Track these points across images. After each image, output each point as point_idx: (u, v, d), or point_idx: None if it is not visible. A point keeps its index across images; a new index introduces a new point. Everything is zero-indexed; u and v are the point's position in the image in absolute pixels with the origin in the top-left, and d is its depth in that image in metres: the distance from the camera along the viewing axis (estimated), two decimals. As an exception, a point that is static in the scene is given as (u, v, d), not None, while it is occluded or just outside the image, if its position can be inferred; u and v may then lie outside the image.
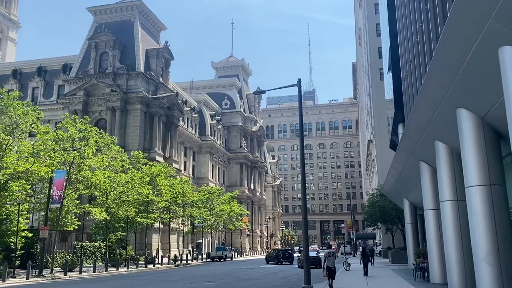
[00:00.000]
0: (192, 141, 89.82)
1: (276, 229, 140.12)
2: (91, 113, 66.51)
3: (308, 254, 20.26)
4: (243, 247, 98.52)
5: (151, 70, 71.93)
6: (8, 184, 33.10)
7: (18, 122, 33.14)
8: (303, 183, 20.55)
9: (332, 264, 21.57)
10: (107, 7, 75.23)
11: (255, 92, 27.79)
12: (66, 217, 40.44)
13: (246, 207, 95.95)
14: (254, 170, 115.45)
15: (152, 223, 54.54)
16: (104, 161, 41.95)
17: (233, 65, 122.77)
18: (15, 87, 70.80)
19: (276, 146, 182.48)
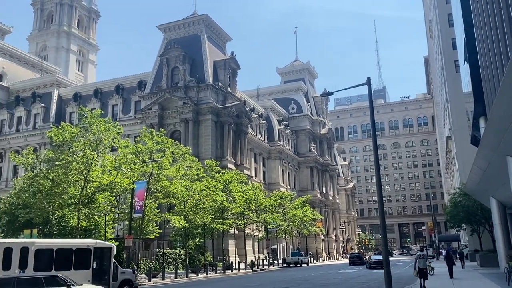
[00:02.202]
0: (261, 147, 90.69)
1: (352, 233, 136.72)
2: (166, 125, 69.65)
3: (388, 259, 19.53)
4: (319, 252, 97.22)
5: (219, 80, 73.87)
6: (95, 196, 35.61)
7: (101, 138, 35.57)
8: (379, 185, 19.87)
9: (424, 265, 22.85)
10: (175, 24, 78.66)
11: (322, 94, 27.39)
12: (148, 226, 42.61)
13: (319, 211, 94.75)
14: (325, 173, 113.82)
15: (227, 229, 55.74)
16: (180, 170, 43.67)
17: (298, 69, 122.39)
18: (96, 106, 76.18)
19: (347, 148, 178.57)
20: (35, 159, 36.80)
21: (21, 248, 22.26)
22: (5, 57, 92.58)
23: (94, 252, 24.34)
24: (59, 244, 24.66)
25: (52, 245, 23.99)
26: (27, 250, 22.26)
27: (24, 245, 22.73)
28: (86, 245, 24.72)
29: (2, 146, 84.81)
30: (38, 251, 22.55)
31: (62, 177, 33.93)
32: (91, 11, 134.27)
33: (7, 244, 22.54)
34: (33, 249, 22.43)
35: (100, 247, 25.20)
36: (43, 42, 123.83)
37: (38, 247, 22.81)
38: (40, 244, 23.49)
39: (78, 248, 24.23)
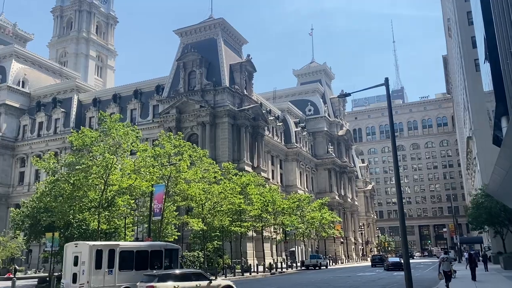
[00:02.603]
0: (278, 150, 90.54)
1: (371, 235, 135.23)
2: (184, 129, 70.17)
3: (409, 262, 19.26)
4: (338, 254, 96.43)
5: (235, 83, 74.13)
6: (114, 200, 36.06)
7: (120, 142, 36.02)
8: (398, 186, 19.63)
9: (448, 268, 22.75)
10: (191, 28, 79.27)
11: (340, 95, 27.18)
12: (166, 228, 42.98)
13: (337, 214, 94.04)
14: (343, 175, 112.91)
15: (245, 231, 55.74)
16: (198, 173, 43.92)
17: (314, 70, 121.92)
18: (115, 110, 77.25)
19: (365, 149, 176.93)
20: (56, 163, 37.47)
21: (109, 250, 24.70)
22: (26, 63, 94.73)
23: (164, 253, 26.92)
24: (138, 246, 27.38)
25: (132, 247, 26.75)
26: (113, 252, 24.71)
27: (111, 247, 25.13)
28: (159, 247, 27.48)
29: (24, 151, 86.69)
30: (122, 252, 25.08)
31: (83, 181, 34.47)
32: (109, 17, 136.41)
33: (98, 246, 24.89)
34: (118, 250, 24.96)
35: (169, 248, 27.85)
36: (63, 48, 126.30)
37: (122, 249, 25.40)
38: (124, 246, 26.16)
39: (153, 250, 26.84)
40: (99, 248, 24.64)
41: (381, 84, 21.01)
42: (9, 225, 61.87)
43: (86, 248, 24.32)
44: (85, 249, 24.37)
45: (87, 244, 24.95)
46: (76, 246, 25.59)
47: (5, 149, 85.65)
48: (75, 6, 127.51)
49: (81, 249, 24.70)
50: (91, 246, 24.57)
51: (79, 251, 24.71)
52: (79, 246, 25.51)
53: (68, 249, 25.75)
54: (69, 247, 25.98)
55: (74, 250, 25.10)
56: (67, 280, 24.30)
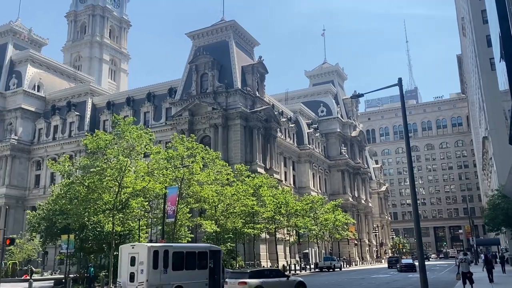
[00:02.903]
0: (290, 151, 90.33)
1: (385, 237, 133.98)
2: (196, 131, 70.46)
3: (424, 264, 19.03)
4: (352, 256, 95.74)
5: (247, 85, 74.22)
6: (128, 202, 36.35)
7: (134, 145, 36.32)
8: (413, 187, 19.43)
9: (466, 269, 22.39)
10: (203, 31, 79.65)
11: (352, 96, 26.97)
12: (180, 230, 43.16)
13: (351, 215, 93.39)
14: (357, 176, 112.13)
15: (258, 233, 55.74)
16: (211, 175, 44.04)
17: (327, 71, 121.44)
18: (129, 113, 77.91)
19: (379, 150, 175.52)
20: (71, 166, 37.95)
21: (164, 250, 26.10)
22: (41, 68, 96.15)
23: (209, 254, 28.38)
24: (187, 248, 29.25)
25: (183, 249, 28.45)
26: (167, 253, 26.16)
27: (166, 248, 26.60)
28: (204, 249, 29.04)
29: (40, 154, 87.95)
30: (174, 253, 26.57)
31: (97, 183, 34.82)
32: (122, 21, 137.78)
33: (155, 247, 26.31)
34: (171, 251, 26.49)
35: (213, 250, 29.30)
36: (77, 52, 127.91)
37: (174, 250, 26.96)
38: (176, 247, 27.99)
39: (199, 251, 28.40)
40: (156, 249, 25.97)
41: (394, 85, 20.84)
42: (25, 227, 62.87)
43: (145, 249, 25.62)
44: (143, 250, 25.70)
45: (146, 246, 26.40)
46: (132, 248, 27.03)
47: (21, 153, 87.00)
48: (89, 11, 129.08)
49: (138, 250, 26.12)
50: (149, 247, 25.92)
51: (136, 252, 26.07)
52: (136, 247, 27.01)
53: (124, 250, 27.08)
54: (124, 249, 27.31)
55: (130, 251, 26.49)
56: (124, 279, 25.87)
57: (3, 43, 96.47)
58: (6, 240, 38.74)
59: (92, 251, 42.93)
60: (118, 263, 27.43)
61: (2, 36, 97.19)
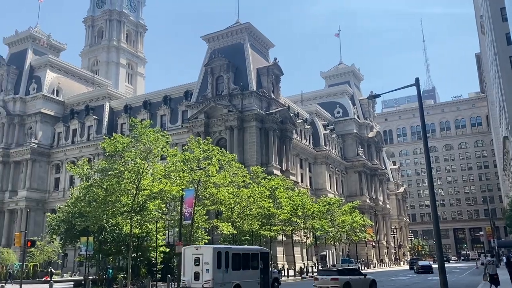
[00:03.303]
0: (307, 153, 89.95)
1: (403, 239, 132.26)
2: (212, 133, 70.78)
3: (444, 266, 18.71)
4: (370, 258, 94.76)
5: (262, 87, 74.25)
6: (146, 204, 36.63)
7: (151, 147, 36.64)
8: (431, 188, 19.13)
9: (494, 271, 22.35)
10: (218, 34, 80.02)
11: (369, 96, 26.81)
12: (197, 232, 43.30)
13: (369, 217, 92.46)
14: (374, 178, 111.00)
15: (275, 235, 55.59)
16: (227, 177, 44.13)
17: (342, 72, 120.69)
18: (146, 116, 78.68)
19: (396, 151, 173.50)
20: (89, 169, 38.43)
21: (225, 252, 28.60)
22: (60, 73, 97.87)
23: (260, 256, 31.04)
24: (243, 250, 32.13)
25: (239, 250, 31.05)
26: (228, 254, 28.64)
27: (226, 250, 29.22)
28: (256, 251, 31.90)
29: (59, 157, 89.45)
30: (233, 255, 29.07)
31: (115, 186, 35.18)
32: (138, 26, 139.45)
33: (219, 249, 28.90)
34: (230, 253, 28.98)
35: (263, 252, 31.97)
36: (95, 57, 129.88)
37: (233, 252, 29.53)
38: (234, 249, 30.51)
39: (252, 253, 31.22)
40: (219, 250, 28.52)
41: (411, 85, 20.59)
42: (45, 229, 63.89)
43: (209, 251, 28.13)
44: (207, 252, 28.21)
45: (211, 247, 29.00)
46: (196, 249, 29.37)
47: (41, 156, 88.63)
48: (106, 16, 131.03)
49: (202, 252, 28.59)
50: (214, 248, 28.50)
51: (200, 253, 28.49)
52: (200, 249, 29.40)
53: (187, 252, 29.42)
54: (188, 250, 29.57)
55: (194, 252, 28.88)
56: (188, 278, 28.34)
57: (23, 49, 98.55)
58: (27, 242, 39.45)
59: (110, 253, 43.37)
60: (182, 263, 29.93)
61: (22, 42, 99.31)
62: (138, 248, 40.15)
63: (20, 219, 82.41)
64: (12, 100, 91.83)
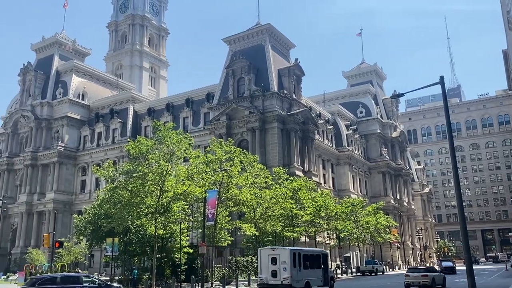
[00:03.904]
0: (329, 153, 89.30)
1: (429, 240, 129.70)
2: (234, 135, 71.03)
3: (472, 268, 18.31)
4: (395, 260, 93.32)
5: (284, 88, 74.14)
6: (170, 206, 37.08)
7: (174, 149, 37.10)
8: (458, 189, 18.73)
9: None
10: (239, 36, 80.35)
11: (393, 96, 26.37)
12: (220, 233, 43.56)
13: (393, 218, 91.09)
14: (399, 178, 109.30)
15: (298, 236, 55.38)
16: (249, 179, 44.24)
17: (365, 71, 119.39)
18: (169, 119, 79.60)
19: (421, 151, 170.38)
20: (114, 171, 39.13)
21: (298, 253, 33.19)
22: (85, 77, 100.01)
23: (321, 257, 36.06)
24: (310, 251, 36.84)
25: (307, 252, 35.94)
26: (300, 255, 33.06)
27: (299, 251, 33.93)
28: (318, 252, 37.01)
29: (85, 160, 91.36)
30: (304, 256, 33.82)
31: (140, 187, 35.72)
32: (160, 29, 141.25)
33: (294, 250, 33.33)
34: (302, 254, 33.63)
35: (323, 253, 37.23)
36: (118, 61, 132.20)
37: (304, 253, 34.39)
38: (304, 251, 35.62)
39: (316, 254, 36.18)
40: (294, 251, 33.08)
41: (436, 83, 20.21)
42: (72, 231, 65.29)
43: (287, 252, 32.62)
44: (284, 253, 32.64)
45: (288, 249, 33.57)
46: (273, 250, 33.65)
47: (67, 159, 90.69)
48: (129, 20, 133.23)
49: (279, 253, 32.83)
50: (290, 250, 32.97)
51: (277, 254, 32.65)
52: (276, 250, 33.67)
53: (263, 252, 33.88)
54: (264, 251, 34.17)
55: (270, 253, 33.06)
56: (266, 275, 32.51)
57: (49, 54, 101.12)
58: (55, 243, 40.51)
59: (135, 254, 44.02)
60: (258, 262, 34.73)
61: (49, 48, 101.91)
62: (163, 249, 40.64)
63: (48, 221, 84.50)
64: (39, 105, 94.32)
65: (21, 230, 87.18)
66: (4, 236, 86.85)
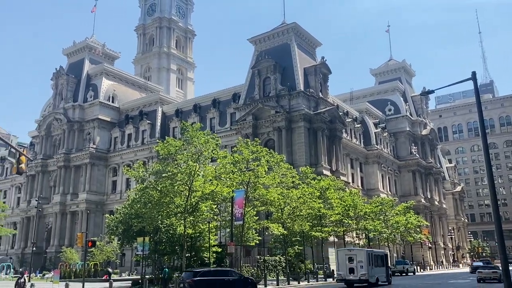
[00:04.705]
0: (357, 152, 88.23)
1: (462, 240, 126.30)
2: (260, 135, 71.13)
3: (508, 269, 17.75)
4: (426, 260, 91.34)
5: (310, 87, 73.71)
6: (198, 205, 37.51)
7: (201, 150, 37.52)
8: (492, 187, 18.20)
9: None
10: (265, 35, 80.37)
11: (422, 93, 25.86)
12: (247, 233, 43.72)
13: (424, 217, 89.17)
14: (429, 177, 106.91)
15: (326, 236, 54.98)
16: (276, 178, 44.23)
17: (393, 68, 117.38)
18: (196, 120, 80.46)
19: (452, 148, 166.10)
20: (144, 172, 39.86)
21: (370, 253, 39.25)
22: (115, 80, 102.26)
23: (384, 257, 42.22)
24: (377, 252, 42.61)
25: (375, 253, 41.59)
26: (371, 255, 39.33)
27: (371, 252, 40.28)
28: (382, 253, 43.26)
29: (116, 161, 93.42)
30: (373, 255, 39.91)
31: (169, 187, 36.27)
32: (187, 31, 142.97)
33: (368, 251, 39.84)
34: (372, 254, 39.86)
35: (385, 254, 43.82)
36: (147, 64, 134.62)
37: (374, 254, 40.46)
38: (375, 252, 41.98)
39: (381, 254, 42.43)
40: (369, 252, 39.56)
41: (468, 79, 19.70)
42: (104, 230, 66.90)
43: (363, 253, 38.82)
44: (360, 253, 38.83)
45: (364, 250, 40.39)
46: (350, 251, 40.03)
47: (99, 160, 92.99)
48: (156, 23, 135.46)
49: (355, 253, 38.93)
50: (366, 251, 40.04)
51: (353, 254, 38.60)
52: (353, 251, 40.07)
53: (340, 253, 40.23)
54: (341, 252, 40.60)
55: (347, 253, 39.12)
56: (343, 272, 38.21)
57: (80, 58, 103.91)
58: (88, 243, 41.54)
59: (165, 253, 44.67)
60: (335, 261, 41.51)
61: (79, 52, 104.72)
62: (192, 248, 41.11)
63: (81, 221, 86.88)
64: (71, 108, 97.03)
65: (55, 229, 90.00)
66: (40, 235, 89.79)
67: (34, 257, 71.26)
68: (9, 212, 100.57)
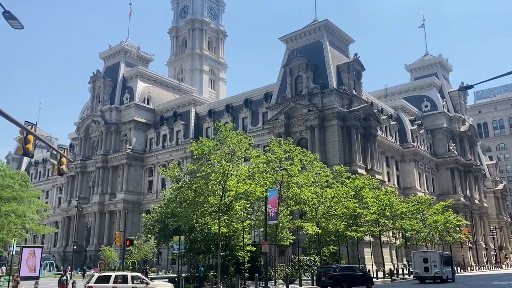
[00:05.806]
0: (393, 150, 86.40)
1: (505, 240, 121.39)
2: (293, 133, 70.86)
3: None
4: (466, 261, 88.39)
5: (343, 84, 72.78)
6: (232, 204, 37.74)
7: (234, 149, 37.73)
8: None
9: None
10: (296, 34, 79.95)
11: (460, 88, 25.03)
12: (281, 232, 43.63)
13: (463, 216, 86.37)
14: (469, 174, 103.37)
15: (362, 236, 54.17)
16: (309, 177, 43.93)
17: (429, 63, 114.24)
18: (228, 120, 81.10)
19: (493, 145, 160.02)
20: (179, 172, 40.48)
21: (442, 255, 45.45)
22: (149, 82, 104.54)
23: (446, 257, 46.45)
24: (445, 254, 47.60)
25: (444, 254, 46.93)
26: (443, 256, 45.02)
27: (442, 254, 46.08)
28: (447, 254, 48.43)
29: (152, 161, 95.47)
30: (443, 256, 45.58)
31: (203, 187, 36.71)
32: (219, 32, 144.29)
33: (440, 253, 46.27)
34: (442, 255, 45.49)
35: (450, 255, 50.02)
36: (180, 65, 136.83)
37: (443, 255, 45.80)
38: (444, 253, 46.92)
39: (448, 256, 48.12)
40: (440, 254, 45.53)
41: (509, 72, 18.89)
42: (141, 229, 68.47)
43: (436, 254, 45.31)
44: (434, 255, 45.25)
45: (437, 252, 47.22)
46: (424, 253, 46.57)
47: (135, 161, 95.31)
48: (188, 25, 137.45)
49: (429, 254, 45.28)
50: (439, 253, 46.11)
51: (427, 255, 45.05)
52: (426, 253, 46.69)
53: (416, 254, 46.24)
54: (416, 253, 46.61)
55: (422, 255, 45.47)
56: (419, 270, 44.62)
57: (116, 62, 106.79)
58: (126, 241, 42.67)
59: (200, 252, 45.22)
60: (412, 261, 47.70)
61: (115, 55, 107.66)
62: (226, 247, 41.43)
63: (119, 220, 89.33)
64: (108, 110, 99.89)
65: (94, 228, 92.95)
66: (80, 234, 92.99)
67: (74, 255, 73.89)
68: (51, 211, 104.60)
